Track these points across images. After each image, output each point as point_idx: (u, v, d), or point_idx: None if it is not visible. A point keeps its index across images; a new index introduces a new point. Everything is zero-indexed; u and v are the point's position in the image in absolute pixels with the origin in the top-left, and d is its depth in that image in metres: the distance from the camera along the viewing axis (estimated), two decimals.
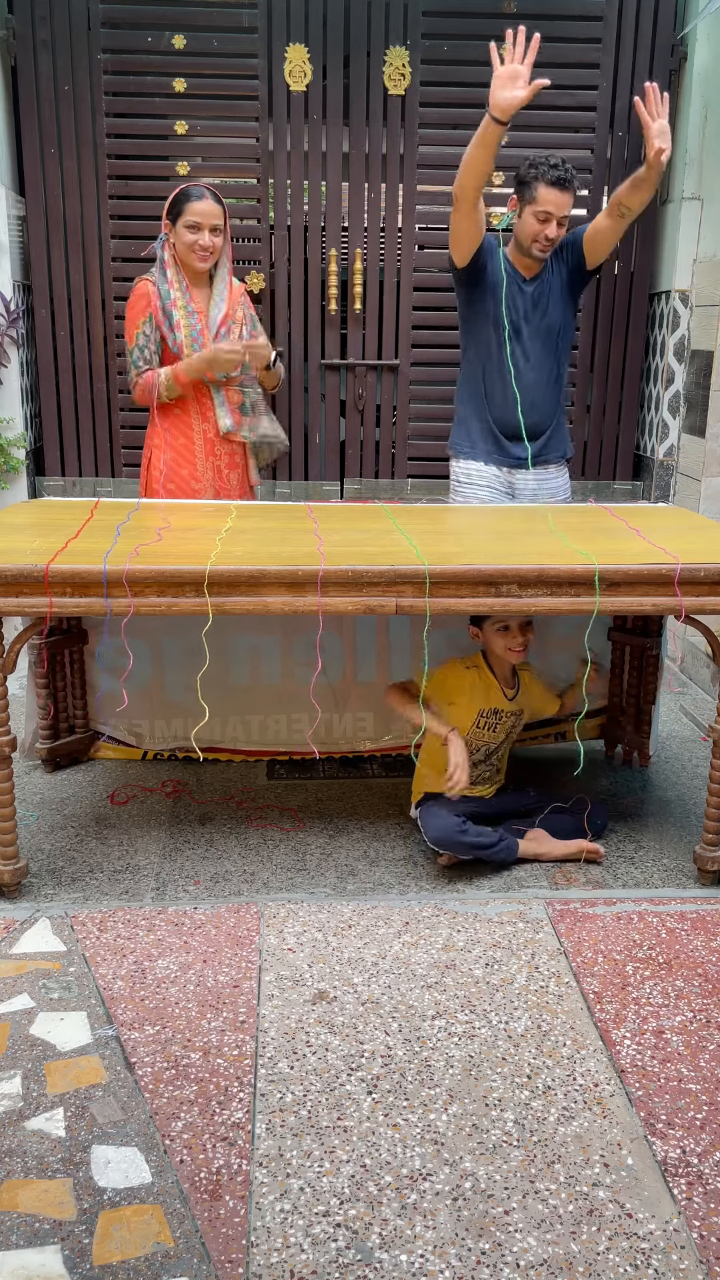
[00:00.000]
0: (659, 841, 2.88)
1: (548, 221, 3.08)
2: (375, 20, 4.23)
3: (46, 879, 2.63)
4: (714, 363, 4.18)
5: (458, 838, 2.63)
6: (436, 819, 2.67)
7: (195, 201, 3.14)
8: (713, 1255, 1.55)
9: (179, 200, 3.16)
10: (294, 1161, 1.71)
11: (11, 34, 4.19)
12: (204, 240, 3.15)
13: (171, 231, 3.21)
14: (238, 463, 3.38)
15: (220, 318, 3.27)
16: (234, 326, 3.28)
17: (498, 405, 3.29)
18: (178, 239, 3.19)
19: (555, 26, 4.30)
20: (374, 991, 2.16)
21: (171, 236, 3.22)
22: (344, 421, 4.65)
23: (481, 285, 3.21)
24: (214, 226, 3.16)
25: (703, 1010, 2.12)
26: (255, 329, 3.39)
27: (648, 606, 2.41)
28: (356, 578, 2.32)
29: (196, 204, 3.14)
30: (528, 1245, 1.56)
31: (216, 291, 3.30)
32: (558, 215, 3.07)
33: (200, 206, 3.14)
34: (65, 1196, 1.63)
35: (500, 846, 2.67)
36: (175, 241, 3.21)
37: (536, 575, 2.36)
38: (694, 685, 4.09)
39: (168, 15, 4.20)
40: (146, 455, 3.43)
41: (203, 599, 2.29)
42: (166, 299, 3.23)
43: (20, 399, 4.35)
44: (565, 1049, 2.00)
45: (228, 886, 2.61)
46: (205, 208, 3.14)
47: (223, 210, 3.20)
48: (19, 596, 2.28)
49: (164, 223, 3.23)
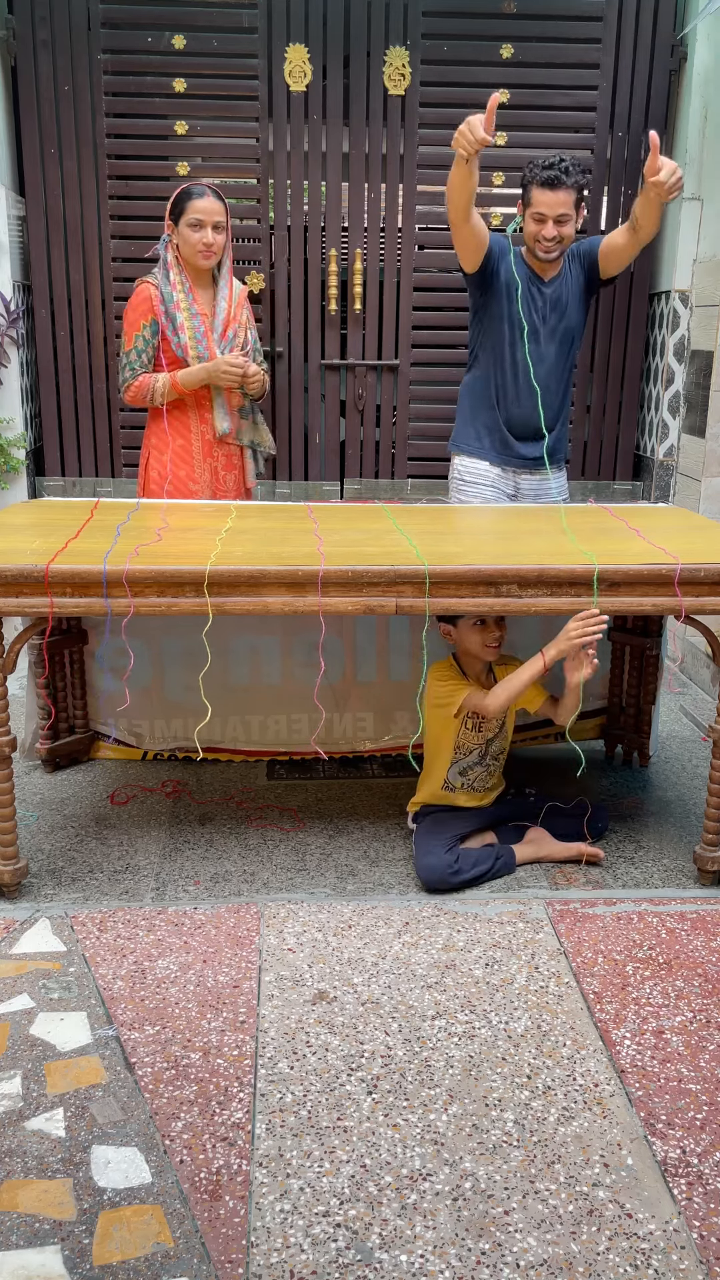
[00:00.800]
0: (659, 841, 2.88)
1: (543, 222, 3.06)
2: (375, 20, 4.23)
3: (46, 879, 2.63)
4: (714, 363, 4.18)
5: (450, 880, 2.57)
6: (429, 856, 2.60)
7: (197, 199, 3.15)
8: (713, 1255, 1.55)
9: (181, 199, 3.17)
10: (294, 1161, 1.71)
11: (11, 34, 4.19)
12: (207, 237, 3.16)
13: (174, 232, 3.21)
14: (234, 465, 3.38)
15: (224, 320, 3.27)
16: (239, 330, 3.28)
17: (511, 404, 3.29)
18: (181, 238, 3.19)
19: (555, 26, 4.30)
20: (374, 991, 2.16)
21: (174, 237, 3.22)
22: (344, 421, 4.65)
23: (494, 287, 3.20)
24: (216, 224, 3.17)
25: (703, 1010, 2.12)
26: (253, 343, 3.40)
27: (648, 606, 2.41)
28: (356, 578, 2.32)
29: (198, 201, 3.15)
30: (528, 1245, 1.56)
31: (219, 293, 3.30)
32: (552, 215, 3.04)
33: (202, 204, 3.14)
34: (65, 1196, 1.64)
35: (498, 866, 2.65)
36: (178, 241, 3.21)
37: (536, 575, 2.36)
38: (694, 685, 4.09)
39: (168, 15, 4.20)
40: (144, 456, 3.43)
41: (203, 599, 2.29)
42: (169, 301, 3.23)
43: (20, 399, 4.35)
44: (565, 1049, 2.00)
45: (228, 886, 2.61)
46: (207, 205, 3.15)
47: (224, 207, 3.20)
48: (19, 597, 2.28)
49: (166, 223, 3.23)
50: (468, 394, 3.40)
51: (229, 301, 3.31)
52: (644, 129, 4.40)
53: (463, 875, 2.59)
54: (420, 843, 2.67)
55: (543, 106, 4.40)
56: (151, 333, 3.25)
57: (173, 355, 3.28)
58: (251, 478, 3.48)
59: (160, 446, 3.37)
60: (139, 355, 3.26)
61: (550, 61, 4.35)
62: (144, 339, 3.24)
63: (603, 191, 4.47)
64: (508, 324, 3.22)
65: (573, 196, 3.04)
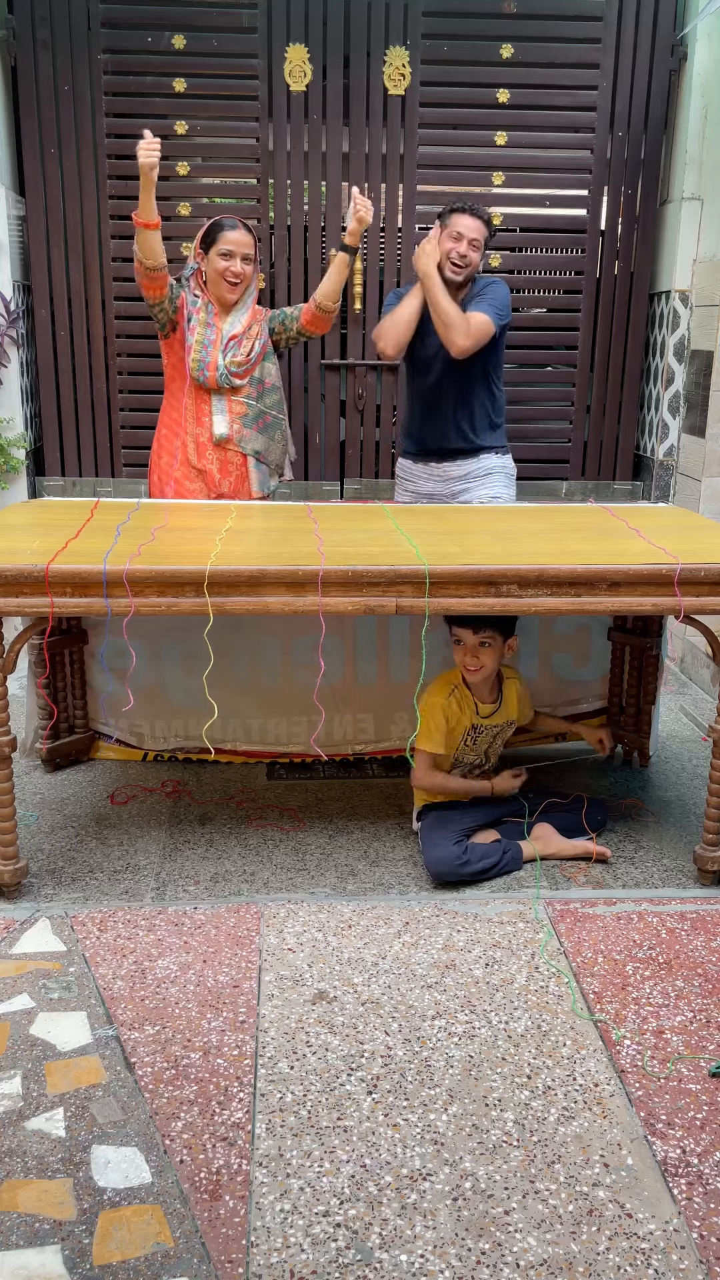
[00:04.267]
0: (659, 841, 2.88)
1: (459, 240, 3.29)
2: (375, 20, 4.23)
3: (46, 879, 2.63)
4: (714, 363, 4.18)
5: (459, 870, 2.59)
6: (437, 849, 2.62)
7: (229, 231, 3.21)
8: (713, 1255, 1.55)
9: (213, 230, 3.22)
10: (294, 1161, 1.71)
11: (11, 34, 4.19)
12: (235, 267, 3.21)
13: (204, 260, 3.24)
14: (232, 471, 3.35)
15: (232, 333, 3.27)
16: (244, 341, 3.28)
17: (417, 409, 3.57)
18: (210, 266, 3.23)
19: (555, 26, 4.30)
20: (374, 991, 2.16)
21: (203, 265, 3.25)
22: (344, 421, 4.65)
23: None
24: (246, 255, 3.23)
25: (703, 1010, 2.12)
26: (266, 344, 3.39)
27: (648, 606, 2.41)
28: (356, 578, 2.32)
29: (230, 233, 3.20)
30: (528, 1245, 1.56)
31: (238, 317, 3.30)
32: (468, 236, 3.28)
33: (234, 236, 3.20)
34: (65, 1196, 1.64)
35: (505, 861, 2.66)
36: (206, 270, 3.24)
37: (536, 575, 2.36)
38: (694, 685, 4.09)
39: (168, 15, 4.20)
40: (151, 455, 3.45)
41: (203, 599, 2.29)
42: (191, 307, 3.26)
43: (20, 399, 4.35)
44: (565, 1049, 2.00)
45: (228, 886, 2.61)
46: (239, 237, 3.21)
47: (254, 240, 3.25)
48: (19, 597, 2.28)
49: (196, 251, 3.25)
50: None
51: (243, 323, 3.30)
52: (644, 129, 4.41)
53: (471, 866, 2.60)
54: (427, 837, 2.68)
55: (543, 106, 4.40)
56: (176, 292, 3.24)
57: (179, 356, 3.30)
58: (258, 488, 3.41)
59: (159, 450, 3.39)
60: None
61: (550, 61, 4.35)
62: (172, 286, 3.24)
63: (603, 191, 4.47)
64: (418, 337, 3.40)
65: (484, 232, 3.32)
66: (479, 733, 2.77)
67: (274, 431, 3.39)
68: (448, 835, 2.65)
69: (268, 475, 3.43)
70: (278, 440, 3.42)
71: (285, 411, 3.45)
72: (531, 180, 4.53)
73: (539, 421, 4.77)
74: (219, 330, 3.26)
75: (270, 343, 3.37)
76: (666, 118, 4.42)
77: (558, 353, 4.71)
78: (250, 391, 3.32)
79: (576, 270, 4.59)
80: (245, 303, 3.32)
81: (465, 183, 4.48)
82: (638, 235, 4.52)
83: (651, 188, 4.48)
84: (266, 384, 3.35)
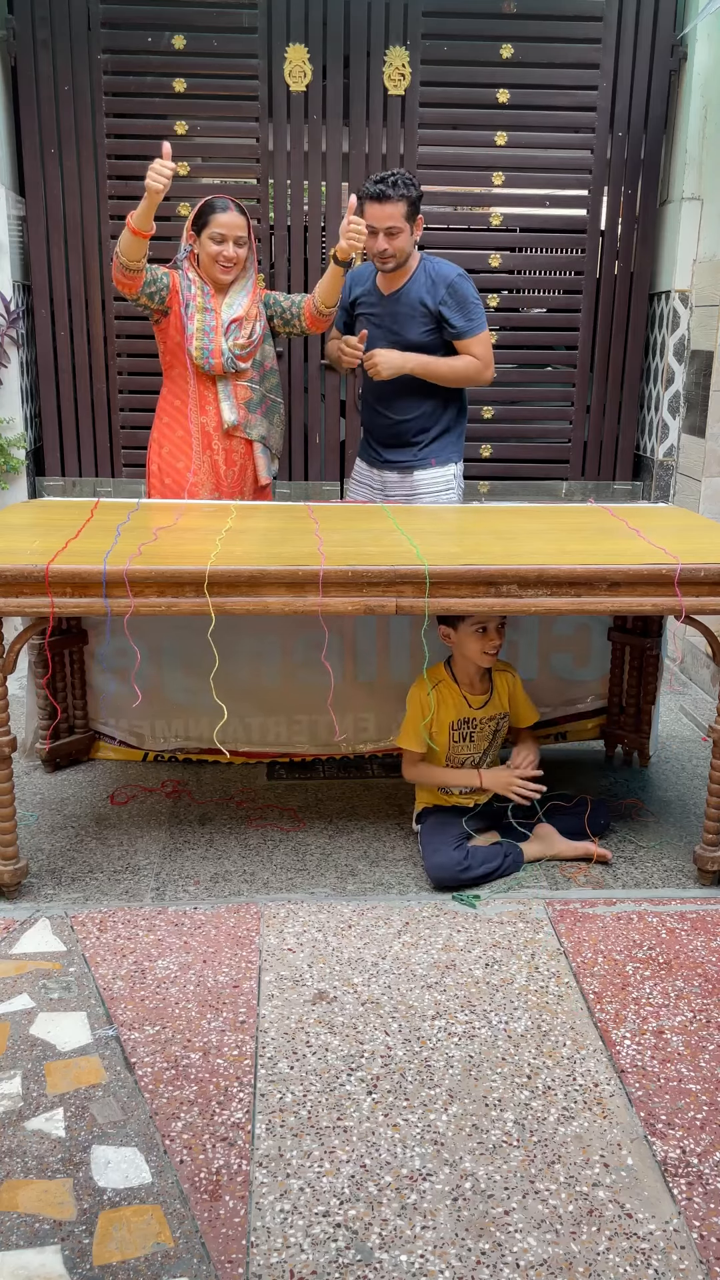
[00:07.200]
0: (659, 841, 2.88)
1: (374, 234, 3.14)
2: (375, 20, 4.23)
3: (46, 879, 2.63)
4: (714, 363, 4.18)
5: (460, 876, 2.58)
6: (438, 855, 2.61)
7: (220, 213, 3.13)
8: (713, 1255, 1.55)
9: (204, 212, 3.16)
10: (294, 1161, 1.71)
11: (11, 34, 4.19)
12: (228, 251, 3.15)
13: (196, 243, 3.20)
14: (237, 459, 3.34)
15: (232, 316, 3.24)
16: (245, 324, 3.25)
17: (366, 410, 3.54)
18: (202, 250, 3.18)
19: (555, 26, 4.30)
20: (374, 991, 2.16)
21: (196, 247, 3.21)
22: (344, 421, 4.65)
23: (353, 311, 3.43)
24: (238, 238, 3.16)
25: (703, 1010, 2.12)
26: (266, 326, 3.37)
27: (648, 606, 2.41)
28: (356, 578, 2.32)
29: (221, 215, 3.13)
30: (528, 1245, 1.56)
31: (237, 300, 3.26)
32: (380, 227, 3.11)
33: (225, 218, 3.13)
34: (65, 1196, 1.64)
35: (506, 864, 2.65)
36: (199, 253, 3.20)
37: (536, 575, 2.36)
38: (694, 685, 4.09)
39: (168, 15, 4.20)
40: (149, 451, 3.42)
41: (203, 599, 2.29)
42: (186, 291, 3.21)
43: (20, 399, 4.35)
44: (565, 1049, 2.00)
45: (228, 886, 2.61)
46: (230, 219, 3.14)
47: (247, 222, 3.19)
48: (19, 597, 2.28)
49: (188, 234, 3.22)
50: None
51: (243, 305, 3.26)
52: (644, 129, 4.41)
53: (473, 872, 2.59)
54: (427, 842, 2.68)
55: (543, 106, 4.40)
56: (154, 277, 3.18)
57: (176, 341, 3.25)
58: (264, 474, 3.41)
59: (159, 440, 3.35)
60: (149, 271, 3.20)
61: (550, 61, 4.35)
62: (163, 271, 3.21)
63: (603, 191, 4.47)
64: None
65: (401, 209, 3.09)
66: (472, 726, 2.76)
67: (274, 415, 3.39)
68: (448, 840, 2.64)
69: (270, 460, 3.43)
70: (277, 424, 3.41)
71: (283, 395, 3.44)
72: (531, 180, 4.54)
73: (539, 421, 4.77)
74: (219, 315, 3.23)
75: (268, 326, 3.34)
76: (666, 118, 4.43)
77: (558, 353, 4.71)
78: (253, 375, 3.30)
79: (576, 270, 4.59)
80: (245, 285, 3.27)
81: (465, 183, 4.49)
82: (638, 235, 4.52)
83: (651, 188, 4.49)
84: (267, 366, 3.34)
